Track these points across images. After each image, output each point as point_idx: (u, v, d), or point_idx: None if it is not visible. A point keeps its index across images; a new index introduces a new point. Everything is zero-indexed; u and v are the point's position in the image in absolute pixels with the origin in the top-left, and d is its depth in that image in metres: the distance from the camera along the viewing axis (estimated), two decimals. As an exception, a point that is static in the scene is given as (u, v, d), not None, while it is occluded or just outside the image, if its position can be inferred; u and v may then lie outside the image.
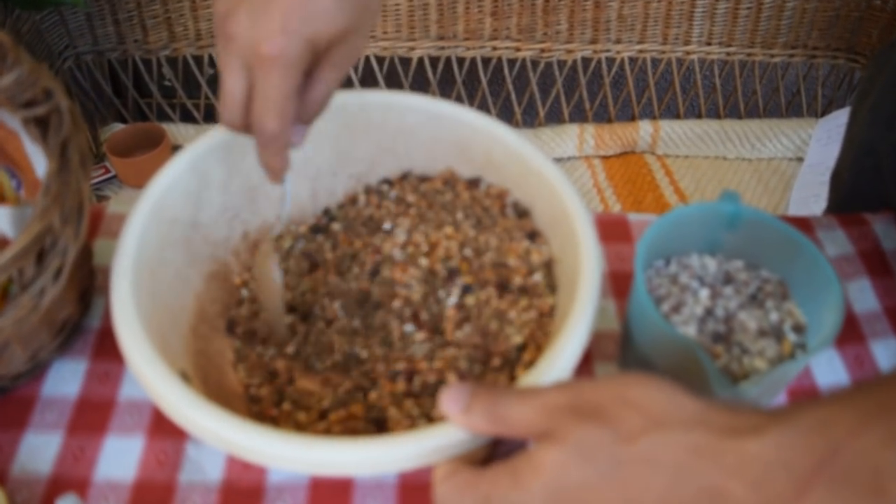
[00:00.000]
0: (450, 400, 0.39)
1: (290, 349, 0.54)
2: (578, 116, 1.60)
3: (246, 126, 0.47)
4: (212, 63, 1.51)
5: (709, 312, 0.51)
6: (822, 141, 1.46)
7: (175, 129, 1.53)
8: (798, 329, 0.50)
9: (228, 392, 0.51)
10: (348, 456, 0.39)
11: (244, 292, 0.58)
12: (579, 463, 0.34)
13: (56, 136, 0.44)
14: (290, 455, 0.39)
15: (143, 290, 0.47)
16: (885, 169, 0.72)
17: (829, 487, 0.32)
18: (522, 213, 0.57)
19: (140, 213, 0.49)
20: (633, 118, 1.58)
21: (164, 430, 0.53)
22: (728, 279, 0.53)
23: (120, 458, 0.52)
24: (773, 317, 0.50)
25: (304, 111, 0.48)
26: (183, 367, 0.46)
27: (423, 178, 0.62)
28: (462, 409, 0.39)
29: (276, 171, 0.49)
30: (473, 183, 0.60)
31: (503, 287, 0.55)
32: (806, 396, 0.38)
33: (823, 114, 1.55)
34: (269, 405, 0.51)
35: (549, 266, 0.55)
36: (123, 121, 1.57)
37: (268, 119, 0.45)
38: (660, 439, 0.34)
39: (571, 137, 1.52)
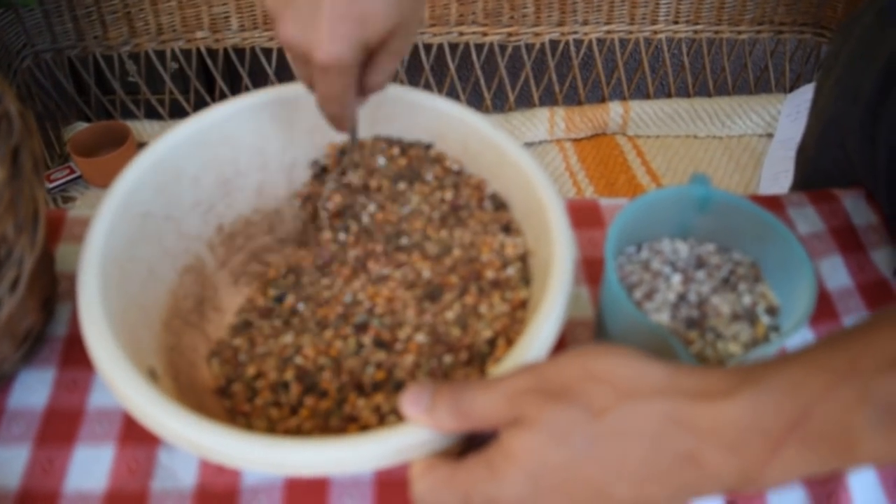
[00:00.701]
0: (410, 402, 0.39)
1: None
2: (548, 100, 1.60)
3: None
4: (174, 58, 1.48)
5: (682, 298, 0.50)
6: (791, 116, 1.47)
7: (140, 126, 1.51)
8: (771, 311, 0.50)
9: (200, 388, 0.51)
10: (316, 456, 0.39)
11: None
12: (554, 444, 0.34)
13: (6, 143, 0.43)
14: (257, 456, 0.39)
15: (112, 286, 0.46)
16: (850, 143, 0.72)
17: (801, 448, 0.33)
18: (500, 205, 0.57)
19: (108, 208, 0.48)
20: (602, 100, 1.58)
21: (135, 438, 0.52)
22: (700, 263, 0.53)
23: (90, 468, 0.51)
24: (746, 300, 0.50)
25: (363, 90, 0.50)
26: (152, 365, 0.46)
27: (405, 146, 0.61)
28: (425, 409, 0.38)
29: (340, 130, 0.52)
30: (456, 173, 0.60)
31: (475, 281, 0.54)
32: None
33: (792, 89, 1.56)
34: (241, 401, 0.50)
35: (524, 259, 0.54)
36: (87, 119, 1.55)
37: (328, 107, 0.49)
38: (631, 410, 0.34)
39: (542, 121, 1.52)
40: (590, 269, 0.64)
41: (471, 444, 0.40)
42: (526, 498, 0.35)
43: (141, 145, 1.48)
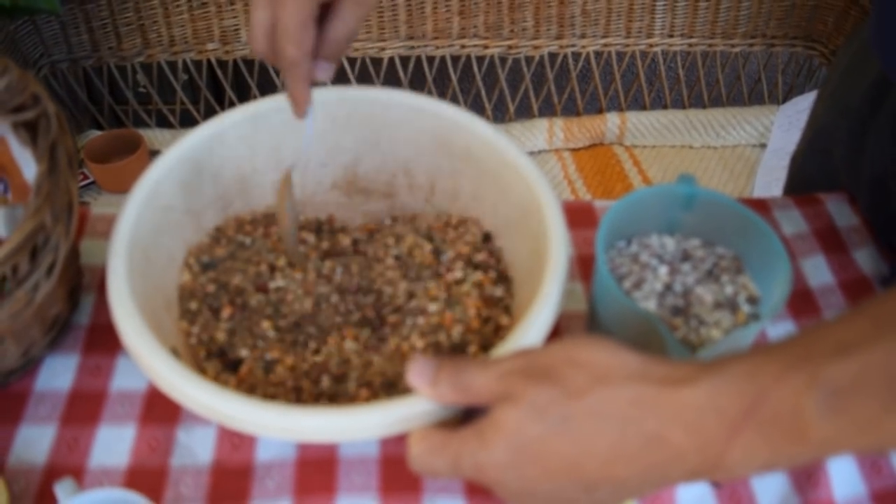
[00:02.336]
0: (417, 374, 0.42)
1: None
2: (547, 111, 1.63)
3: (272, 55, 0.50)
4: (186, 69, 1.52)
5: (668, 288, 0.54)
6: (783, 127, 1.50)
7: (151, 135, 1.54)
8: (752, 300, 0.53)
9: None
10: (327, 423, 0.42)
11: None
12: (533, 420, 0.38)
13: (45, 139, 0.46)
14: (270, 422, 0.42)
15: (137, 271, 0.49)
16: (837, 151, 0.75)
17: (757, 431, 0.35)
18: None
19: (135, 199, 0.52)
20: (600, 111, 1.61)
21: (155, 418, 0.55)
22: (686, 256, 0.56)
23: (113, 445, 0.54)
24: (728, 290, 0.54)
25: (327, 48, 0.51)
26: (174, 345, 0.49)
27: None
28: (429, 382, 0.42)
29: (298, 101, 0.51)
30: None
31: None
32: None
33: (784, 100, 1.59)
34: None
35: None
36: (100, 127, 1.58)
37: (286, 46, 0.48)
38: (604, 394, 0.37)
39: (541, 131, 1.55)
40: (583, 266, 0.67)
41: (466, 419, 0.44)
42: (506, 466, 0.39)
43: (153, 153, 1.51)
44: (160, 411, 0.55)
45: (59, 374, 0.57)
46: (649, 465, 0.37)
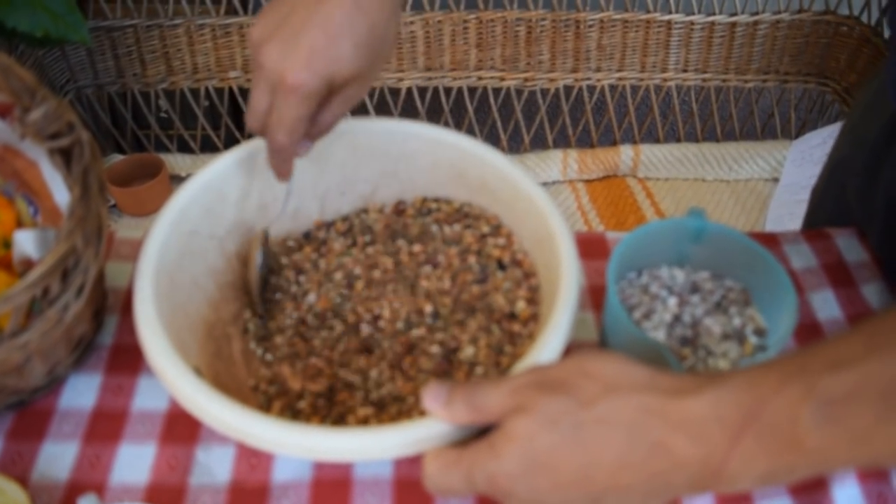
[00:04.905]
0: (431, 397, 0.44)
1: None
2: (562, 142, 1.65)
3: (264, 133, 0.55)
4: (207, 96, 1.55)
5: (677, 318, 0.55)
6: (796, 162, 1.51)
7: (172, 160, 1.57)
8: (759, 332, 0.55)
9: (237, 389, 0.56)
10: (345, 443, 0.43)
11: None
12: (545, 429, 0.39)
13: (78, 165, 0.48)
14: (290, 441, 0.44)
15: (163, 293, 0.51)
16: (852, 184, 0.76)
17: (755, 440, 0.37)
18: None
19: (162, 223, 0.54)
20: (614, 143, 1.63)
21: (174, 438, 0.56)
22: (695, 288, 0.57)
23: (134, 463, 0.55)
24: (736, 322, 0.55)
25: (312, 131, 0.55)
26: (197, 365, 0.50)
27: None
28: (443, 404, 0.43)
29: (281, 174, 0.57)
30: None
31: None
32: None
33: (797, 136, 1.60)
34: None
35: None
36: (122, 152, 1.61)
37: (279, 134, 0.52)
38: (613, 402, 0.39)
39: (556, 162, 1.57)
40: (595, 297, 0.68)
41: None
42: (518, 476, 0.40)
43: (173, 178, 1.54)
44: (180, 431, 0.56)
45: (82, 393, 0.59)
46: (653, 473, 0.38)
